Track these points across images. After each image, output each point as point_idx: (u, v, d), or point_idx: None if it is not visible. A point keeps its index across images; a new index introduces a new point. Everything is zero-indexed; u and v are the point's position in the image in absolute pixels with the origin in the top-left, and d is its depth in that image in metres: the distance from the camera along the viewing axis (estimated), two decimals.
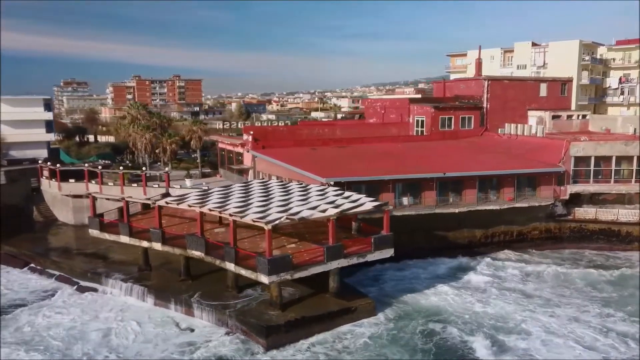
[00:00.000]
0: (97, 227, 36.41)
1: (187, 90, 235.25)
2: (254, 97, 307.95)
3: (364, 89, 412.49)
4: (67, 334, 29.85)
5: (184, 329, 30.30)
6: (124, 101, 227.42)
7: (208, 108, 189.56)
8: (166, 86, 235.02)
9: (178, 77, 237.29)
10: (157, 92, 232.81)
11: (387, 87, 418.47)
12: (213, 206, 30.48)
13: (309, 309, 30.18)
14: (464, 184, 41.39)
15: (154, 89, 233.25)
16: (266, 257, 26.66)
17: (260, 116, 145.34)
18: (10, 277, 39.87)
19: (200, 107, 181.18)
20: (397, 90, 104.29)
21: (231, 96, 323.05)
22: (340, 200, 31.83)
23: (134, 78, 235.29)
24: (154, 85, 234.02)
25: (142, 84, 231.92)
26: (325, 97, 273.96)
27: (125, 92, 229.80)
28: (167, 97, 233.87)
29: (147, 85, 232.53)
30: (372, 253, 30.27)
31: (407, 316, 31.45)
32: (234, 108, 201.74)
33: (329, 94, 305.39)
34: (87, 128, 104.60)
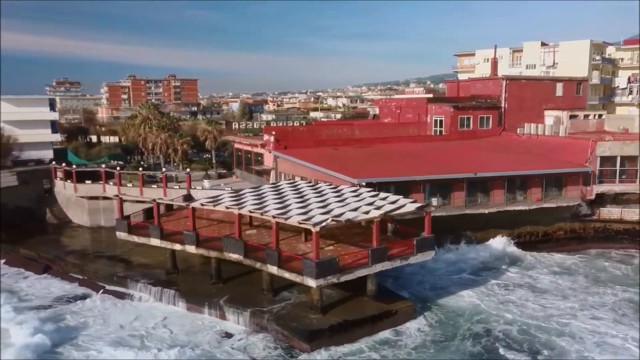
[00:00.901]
0: (125, 229, 35.56)
1: (183, 90, 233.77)
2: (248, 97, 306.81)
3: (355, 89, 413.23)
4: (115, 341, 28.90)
5: (221, 334, 29.50)
6: (119, 101, 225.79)
7: (205, 108, 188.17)
8: (162, 86, 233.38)
9: (173, 77, 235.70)
10: (153, 92, 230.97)
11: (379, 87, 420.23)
12: (252, 208, 29.77)
13: (349, 312, 29.59)
14: (492, 184, 41.03)
15: (149, 89, 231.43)
16: (313, 260, 26.03)
17: (260, 116, 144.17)
18: (32, 281, 38.77)
19: (198, 107, 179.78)
20: (406, 90, 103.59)
21: (223, 96, 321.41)
22: (379, 201, 31.31)
23: (129, 78, 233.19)
24: (149, 85, 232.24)
25: (137, 83, 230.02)
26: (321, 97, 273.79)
27: (120, 92, 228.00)
28: (162, 97, 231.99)
29: (143, 85, 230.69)
30: (414, 255, 29.79)
31: (448, 319, 31.00)
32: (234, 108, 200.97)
33: (320, 93, 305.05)
34: (89, 128, 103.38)
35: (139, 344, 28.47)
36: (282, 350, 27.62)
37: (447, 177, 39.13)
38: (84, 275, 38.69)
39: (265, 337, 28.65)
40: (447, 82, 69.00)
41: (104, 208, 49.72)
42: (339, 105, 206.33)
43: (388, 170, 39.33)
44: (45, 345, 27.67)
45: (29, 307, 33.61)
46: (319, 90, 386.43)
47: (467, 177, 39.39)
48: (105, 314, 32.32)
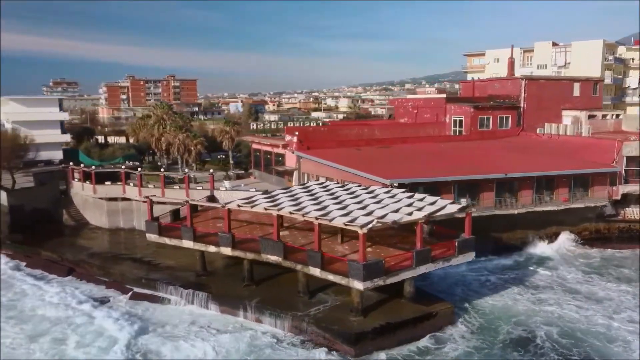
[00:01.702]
0: (155, 231, 35.00)
1: (182, 90, 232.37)
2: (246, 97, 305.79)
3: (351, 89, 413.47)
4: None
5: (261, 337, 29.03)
6: (118, 101, 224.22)
7: (205, 108, 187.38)
8: (161, 86, 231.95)
9: (173, 77, 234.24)
10: (152, 92, 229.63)
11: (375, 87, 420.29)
12: (292, 209, 29.34)
13: (389, 314, 29.18)
14: (520, 185, 40.78)
15: (148, 89, 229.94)
16: (360, 262, 25.63)
17: (263, 116, 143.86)
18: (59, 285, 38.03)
19: (199, 107, 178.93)
20: (417, 90, 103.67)
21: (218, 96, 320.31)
22: (417, 202, 30.95)
23: (128, 78, 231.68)
24: (148, 85, 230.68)
25: (136, 84, 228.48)
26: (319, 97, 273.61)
27: (119, 92, 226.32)
28: (162, 97, 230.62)
29: (142, 85, 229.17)
30: (456, 257, 29.45)
31: (489, 322, 30.64)
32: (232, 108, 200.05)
33: (316, 94, 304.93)
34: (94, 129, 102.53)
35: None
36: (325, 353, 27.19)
37: (479, 178, 38.79)
38: (109, 278, 38.16)
39: (306, 340, 28.23)
40: (462, 82, 68.80)
41: (122, 209, 49.14)
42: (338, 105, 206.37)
43: (418, 171, 39.01)
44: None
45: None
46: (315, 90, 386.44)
47: (497, 177, 39.06)
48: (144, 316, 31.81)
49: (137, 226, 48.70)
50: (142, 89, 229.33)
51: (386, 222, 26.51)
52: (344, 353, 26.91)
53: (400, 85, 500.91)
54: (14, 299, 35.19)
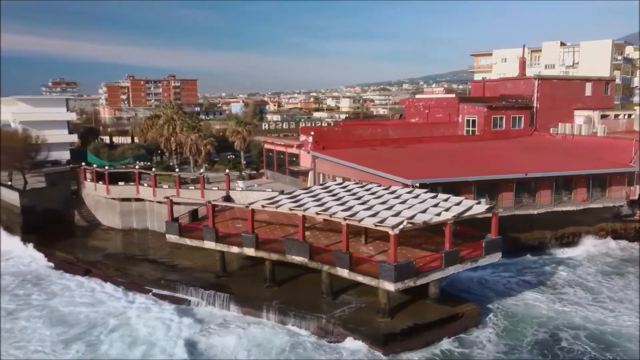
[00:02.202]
0: (176, 232, 34.68)
1: (183, 90, 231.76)
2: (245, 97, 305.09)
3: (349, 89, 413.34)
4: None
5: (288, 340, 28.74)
6: (119, 102, 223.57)
7: (207, 108, 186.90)
8: (161, 86, 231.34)
9: (173, 77, 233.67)
10: (152, 92, 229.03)
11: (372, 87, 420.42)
12: (318, 209, 29.08)
13: (415, 315, 29.00)
14: (539, 185, 40.63)
15: (148, 89, 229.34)
16: (392, 263, 25.40)
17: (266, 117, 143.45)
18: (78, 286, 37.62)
19: (200, 107, 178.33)
20: (425, 90, 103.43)
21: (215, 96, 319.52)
22: (443, 203, 30.75)
23: (128, 78, 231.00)
24: (148, 85, 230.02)
25: (136, 84, 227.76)
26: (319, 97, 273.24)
27: (120, 92, 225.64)
28: (162, 97, 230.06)
29: (142, 85, 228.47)
30: (483, 258, 29.26)
31: (513, 324, 30.41)
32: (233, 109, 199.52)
33: (314, 94, 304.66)
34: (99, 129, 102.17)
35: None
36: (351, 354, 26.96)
37: (500, 178, 38.60)
38: (127, 279, 37.80)
39: (333, 342, 27.98)
40: (472, 82, 68.65)
41: (136, 210, 48.76)
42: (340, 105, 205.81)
43: (438, 171, 38.80)
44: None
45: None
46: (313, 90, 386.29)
47: (517, 177, 38.90)
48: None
49: (150, 227, 48.45)
50: (143, 89, 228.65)
51: (416, 222, 26.29)
52: (372, 353, 26.69)
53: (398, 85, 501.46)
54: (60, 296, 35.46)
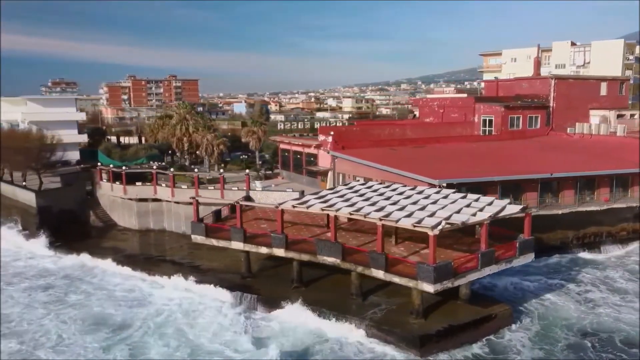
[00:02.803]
0: (202, 232, 34.33)
1: (184, 90, 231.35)
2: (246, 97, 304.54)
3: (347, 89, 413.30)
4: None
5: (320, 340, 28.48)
6: (120, 102, 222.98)
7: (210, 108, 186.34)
8: (162, 86, 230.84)
9: (174, 77, 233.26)
10: (153, 92, 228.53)
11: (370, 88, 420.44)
12: (350, 210, 28.80)
13: (449, 317, 28.74)
14: (562, 185, 40.43)
15: (149, 89, 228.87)
16: (431, 264, 25.14)
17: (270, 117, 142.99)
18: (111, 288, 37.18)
19: (203, 107, 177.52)
20: (435, 90, 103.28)
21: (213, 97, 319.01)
22: (475, 203, 30.54)
23: (129, 78, 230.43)
24: (149, 85, 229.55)
25: (137, 84, 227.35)
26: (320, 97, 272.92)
27: (121, 92, 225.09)
28: (163, 97, 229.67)
29: (143, 85, 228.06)
30: (517, 258, 29.03)
31: (545, 327, 30.04)
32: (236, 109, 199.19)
33: (312, 94, 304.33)
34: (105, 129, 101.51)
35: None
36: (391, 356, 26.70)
37: (527, 178, 38.39)
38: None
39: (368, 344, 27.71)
40: (485, 82, 68.43)
41: (153, 210, 48.39)
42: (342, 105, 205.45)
43: (464, 171, 38.53)
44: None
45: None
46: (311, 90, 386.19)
47: (543, 177, 38.70)
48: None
49: (168, 227, 48.11)
50: (144, 89, 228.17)
51: (454, 223, 26.03)
52: (407, 354, 26.44)
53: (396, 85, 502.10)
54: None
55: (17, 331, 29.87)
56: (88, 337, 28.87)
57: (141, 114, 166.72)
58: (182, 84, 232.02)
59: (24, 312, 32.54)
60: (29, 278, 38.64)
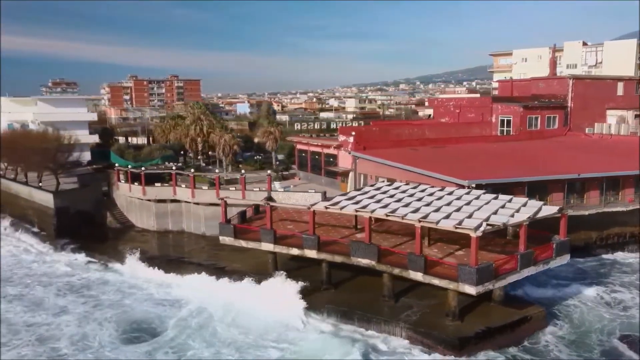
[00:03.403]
0: (230, 234, 34.00)
1: (186, 90, 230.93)
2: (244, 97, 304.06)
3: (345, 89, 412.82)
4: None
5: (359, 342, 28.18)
6: (121, 102, 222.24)
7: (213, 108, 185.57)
8: (164, 86, 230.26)
9: (176, 77, 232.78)
10: (155, 92, 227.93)
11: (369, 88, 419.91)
12: (386, 211, 28.51)
13: (484, 319, 28.50)
14: (588, 185, 40.21)
15: (151, 90, 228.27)
16: (473, 266, 24.88)
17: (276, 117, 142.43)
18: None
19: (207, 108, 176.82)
20: (446, 90, 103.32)
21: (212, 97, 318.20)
22: (509, 204, 30.28)
23: (131, 78, 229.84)
24: (151, 85, 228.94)
25: (139, 84, 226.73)
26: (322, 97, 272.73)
27: (122, 93, 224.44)
28: (165, 97, 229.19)
29: (145, 85, 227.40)
30: (554, 259, 28.80)
31: (578, 327, 29.94)
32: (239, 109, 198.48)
33: (311, 93, 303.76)
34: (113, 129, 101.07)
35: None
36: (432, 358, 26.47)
37: (554, 178, 38.15)
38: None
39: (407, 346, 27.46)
40: (499, 82, 68.19)
41: (171, 211, 48.00)
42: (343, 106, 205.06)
43: (490, 171, 38.29)
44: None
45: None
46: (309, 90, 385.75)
47: (570, 177, 38.48)
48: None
49: (187, 228, 47.72)
50: (146, 89, 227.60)
51: (495, 224, 25.77)
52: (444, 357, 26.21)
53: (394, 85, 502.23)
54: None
55: (55, 335, 29.53)
56: (129, 346, 28.55)
57: (145, 114, 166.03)
58: (184, 84, 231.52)
59: (58, 316, 32.20)
60: (54, 281, 38.26)
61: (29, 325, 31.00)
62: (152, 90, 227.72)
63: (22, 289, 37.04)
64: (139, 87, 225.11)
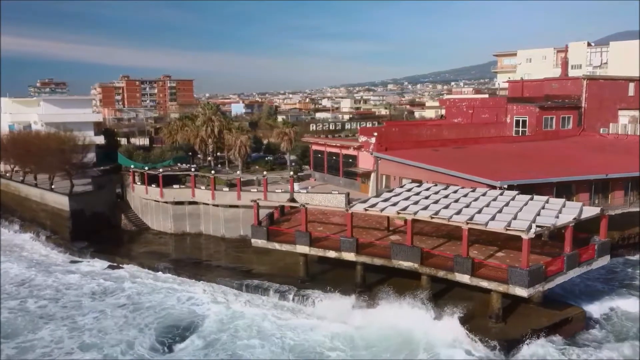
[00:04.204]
0: (263, 236, 33.51)
1: (179, 90, 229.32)
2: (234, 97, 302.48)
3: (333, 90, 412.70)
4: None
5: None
6: (113, 102, 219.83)
7: None
8: (156, 87, 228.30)
9: (169, 78, 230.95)
10: (147, 92, 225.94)
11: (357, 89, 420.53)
12: (429, 213, 28.24)
13: (526, 320, 28.36)
14: (612, 186, 40.36)
15: (143, 90, 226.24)
16: (524, 268, 24.70)
17: None
18: None
19: None
20: (454, 90, 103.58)
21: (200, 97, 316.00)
22: (549, 205, 30.24)
23: (123, 78, 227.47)
24: (143, 85, 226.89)
25: (131, 84, 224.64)
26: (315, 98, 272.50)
27: (114, 93, 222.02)
28: (157, 97, 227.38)
29: (137, 85, 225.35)
30: (595, 260, 28.72)
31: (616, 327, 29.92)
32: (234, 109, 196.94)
33: (300, 93, 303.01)
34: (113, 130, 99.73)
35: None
36: None
37: (583, 179, 38.23)
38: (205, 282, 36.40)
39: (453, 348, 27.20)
40: (510, 82, 68.29)
41: (189, 213, 47.36)
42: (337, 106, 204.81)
43: (518, 172, 38.20)
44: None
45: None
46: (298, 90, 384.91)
47: (598, 178, 38.58)
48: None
49: (205, 230, 47.15)
50: (138, 89, 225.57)
51: (545, 226, 25.64)
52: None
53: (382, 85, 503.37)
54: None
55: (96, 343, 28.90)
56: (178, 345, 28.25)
57: (139, 115, 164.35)
58: (177, 84, 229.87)
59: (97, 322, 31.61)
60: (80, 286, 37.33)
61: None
62: (145, 90, 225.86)
63: (55, 294, 36.18)
64: (131, 87, 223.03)
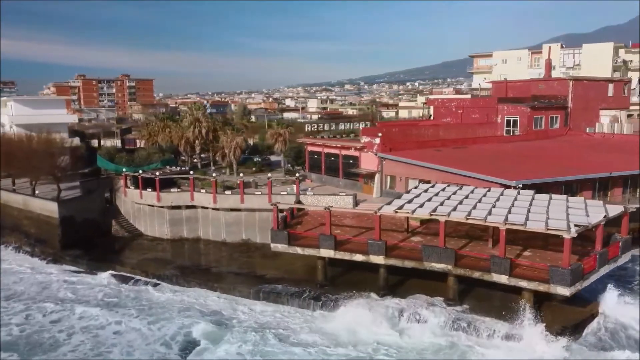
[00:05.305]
0: (284, 240, 32.55)
1: (138, 90, 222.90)
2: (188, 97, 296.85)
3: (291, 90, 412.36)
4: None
5: None
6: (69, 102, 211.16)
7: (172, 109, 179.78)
8: (115, 86, 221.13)
9: (128, 77, 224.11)
10: (105, 92, 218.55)
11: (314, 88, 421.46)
12: (464, 214, 28.08)
13: (556, 318, 28.67)
14: (612, 183, 41.48)
15: (101, 89, 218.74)
16: (566, 267, 24.86)
17: None
18: None
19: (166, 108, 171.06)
20: (433, 91, 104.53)
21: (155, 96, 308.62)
22: (572, 204, 30.70)
23: (79, 78, 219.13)
24: (101, 85, 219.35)
25: (88, 83, 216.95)
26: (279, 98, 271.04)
27: (70, 93, 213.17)
28: (115, 97, 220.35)
29: (94, 85, 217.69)
30: (620, 257, 29.33)
31: None
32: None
33: (256, 94, 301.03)
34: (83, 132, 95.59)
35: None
36: None
37: (588, 177, 39.06)
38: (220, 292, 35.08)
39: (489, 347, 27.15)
40: (493, 82, 69.42)
41: (187, 218, 45.67)
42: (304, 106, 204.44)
43: (528, 171, 38.61)
44: None
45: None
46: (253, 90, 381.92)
47: (602, 176, 39.54)
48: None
49: (203, 235, 45.58)
50: (95, 89, 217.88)
51: (582, 225, 25.89)
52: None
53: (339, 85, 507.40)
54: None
55: None
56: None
57: (100, 115, 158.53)
58: (137, 84, 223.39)
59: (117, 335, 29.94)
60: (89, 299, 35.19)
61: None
62: (102, 90, 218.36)
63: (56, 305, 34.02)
64: (88, 86, 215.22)
